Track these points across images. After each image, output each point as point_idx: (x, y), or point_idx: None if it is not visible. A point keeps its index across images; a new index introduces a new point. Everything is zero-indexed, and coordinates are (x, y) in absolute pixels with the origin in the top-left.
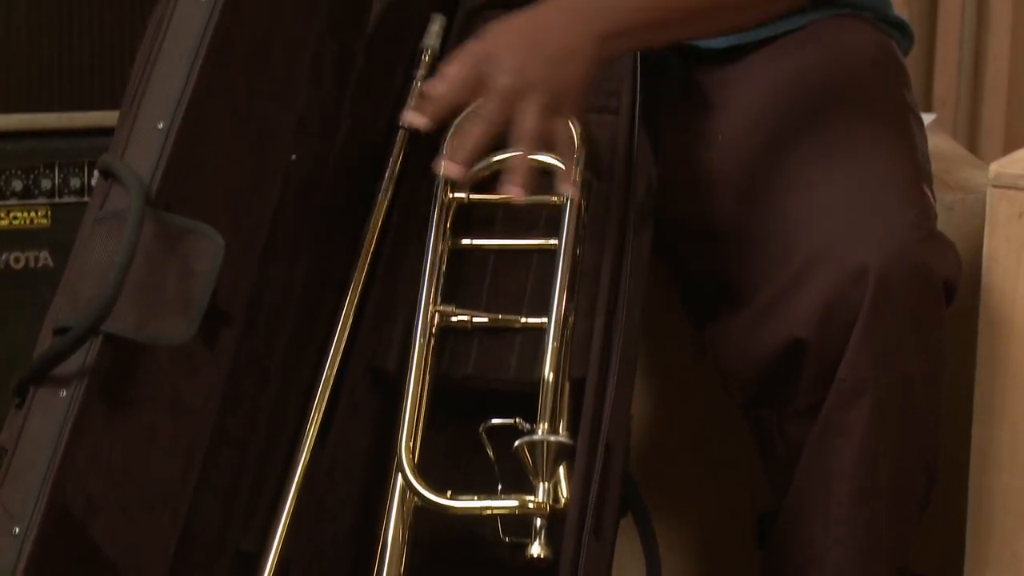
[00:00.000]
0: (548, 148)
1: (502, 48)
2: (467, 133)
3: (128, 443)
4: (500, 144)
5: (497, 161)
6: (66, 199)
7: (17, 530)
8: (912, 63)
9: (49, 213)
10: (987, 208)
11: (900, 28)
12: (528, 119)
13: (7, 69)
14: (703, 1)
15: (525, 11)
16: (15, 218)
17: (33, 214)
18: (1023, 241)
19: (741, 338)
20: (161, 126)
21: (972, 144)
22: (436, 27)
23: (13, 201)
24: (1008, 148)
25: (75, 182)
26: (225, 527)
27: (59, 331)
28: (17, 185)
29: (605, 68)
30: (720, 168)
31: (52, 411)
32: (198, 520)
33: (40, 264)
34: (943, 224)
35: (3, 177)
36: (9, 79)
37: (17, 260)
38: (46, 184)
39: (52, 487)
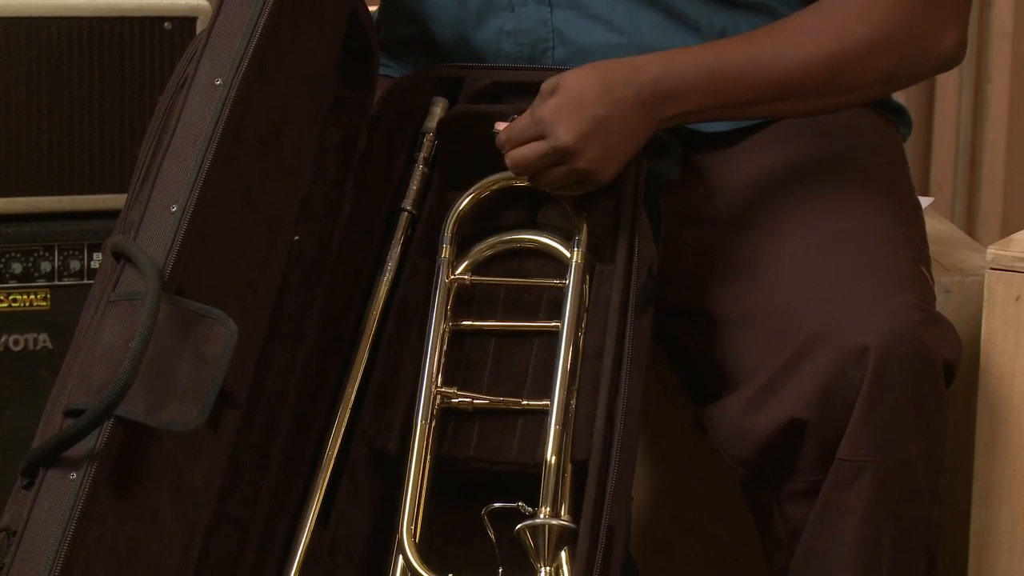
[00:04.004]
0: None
1: (570, 133)
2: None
3: (132, 524)
4: (503, 227)
5: (500, 242)
6: (66, 282)
7: None
8: (910, 148)
9: (48, 296)
10: (985, 290)
11: (899, 114)
12: (554, 177)
13: (7, 153)
14: (768, 92)
15: (599, 79)
16: (14, 300)
17: (32, 296)
18: (1021, 323)
19: (741, 418)
20: (175, 209)
21: (969, 227)
22: (438, 110)
23: (12, 284)
24: (1005, 231)
25: (75, 265)
26: None
27: (71, 413)
28: (17, 268)
29: None
30: (719, 250)
31: (62, 494)
32: None
33: (39, 346)
34: (941, 306)
35: (3, 260)
36: (9, 163)
37: (16, 342)
38: (46, 267)
39: (60, 571)
